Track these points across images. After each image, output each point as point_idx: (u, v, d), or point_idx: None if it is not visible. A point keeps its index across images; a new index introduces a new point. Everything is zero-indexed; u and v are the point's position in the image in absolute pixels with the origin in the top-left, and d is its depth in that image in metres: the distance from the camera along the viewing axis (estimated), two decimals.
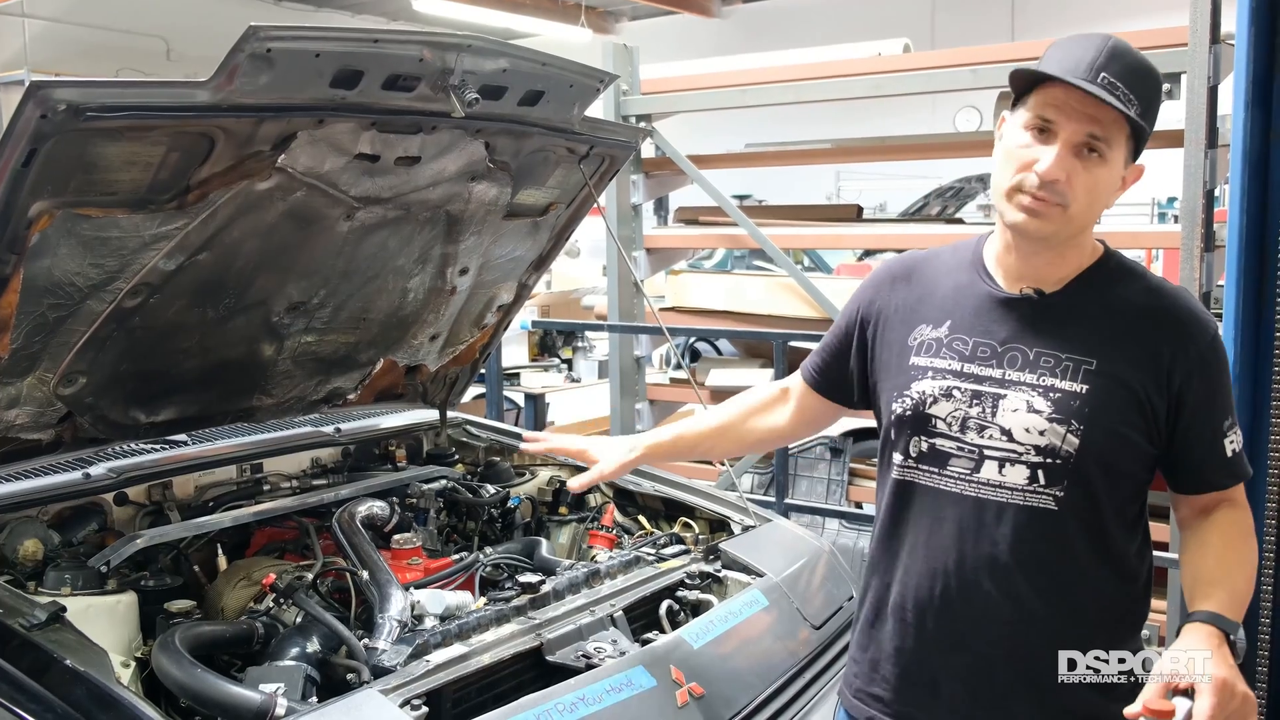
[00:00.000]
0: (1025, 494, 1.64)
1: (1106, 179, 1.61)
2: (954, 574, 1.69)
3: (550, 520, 3.08)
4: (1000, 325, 1.70)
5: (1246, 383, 2.71)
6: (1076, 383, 1.63)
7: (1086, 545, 1.66)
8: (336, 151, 2.19)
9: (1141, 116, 1.58)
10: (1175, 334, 1.64)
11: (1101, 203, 1.64)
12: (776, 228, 4.87)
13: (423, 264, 2.73)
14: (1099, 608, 1.69)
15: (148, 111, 1.84)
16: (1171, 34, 3.58)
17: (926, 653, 1.73)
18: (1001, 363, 1.68)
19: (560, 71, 2.40)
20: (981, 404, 1.67)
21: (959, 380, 1.69)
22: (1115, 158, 1.61)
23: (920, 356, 1.74)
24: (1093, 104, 1.57)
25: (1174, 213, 11.20)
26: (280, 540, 2.68)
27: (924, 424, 1.71)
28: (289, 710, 1.77)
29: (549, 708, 1.85)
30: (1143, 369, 1.63)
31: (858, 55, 5.06)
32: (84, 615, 2.02)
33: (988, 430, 1.66)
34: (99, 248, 2.02)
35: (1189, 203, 3.30)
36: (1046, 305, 1.69)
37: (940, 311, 1.76)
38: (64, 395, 2.28)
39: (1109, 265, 1.71)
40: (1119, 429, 1.63)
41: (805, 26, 12.61)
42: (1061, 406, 1.62)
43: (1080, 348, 1.65)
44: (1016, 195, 1.62)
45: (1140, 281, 1.71)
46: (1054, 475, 1.63)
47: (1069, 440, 1.62)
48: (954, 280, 1.78)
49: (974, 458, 1.67)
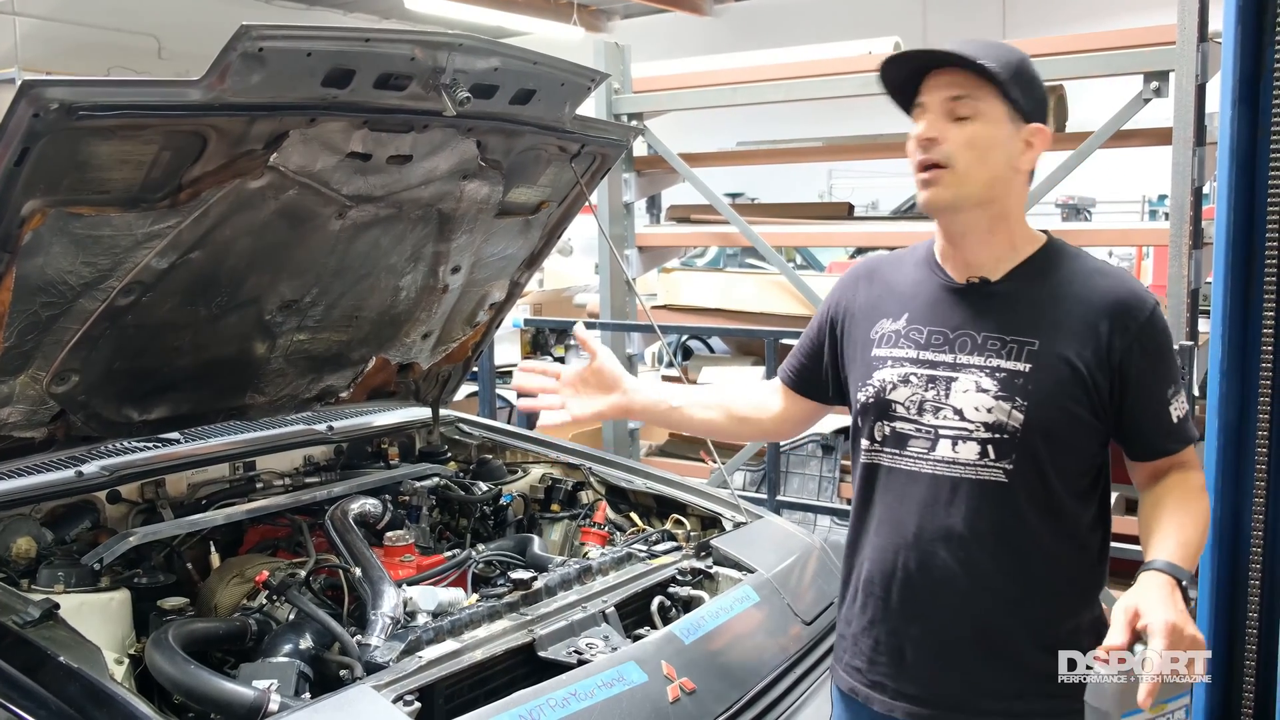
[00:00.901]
0: (977, 468, 1.74)
1: (984, 134, 1.70)
2: (914, 547, 1.79)
3: (542, 517, 3.08)
4: (952, 313, 1.81)
5: (1233, 379, 2.72)
6: (1020, 362, 1.72)
7: (1037, 515, 1.74)
8: (328, 150, 2.19)
9: (1005, 75, 1.67)
10: (1114, 312, 1.72)
11: (995, 160, 1.72)
12: (768, 225, 4.88)
13: (415, 262, 2.73)
14: (1053, 575, 1.77)
15: (140, 110, 1.85)
16: (1160, 32, 3.59)
17: (893, 624, 1.83)
18: (953, 348, 1.78)
19: (551, 70, 2.41)
20: (936, 387, 1.78)
21: (916, 367, 1.80)
22: (990, 114, 1.70)
23: (881, 348, 1.86)
24: (950, 75, 1.70)
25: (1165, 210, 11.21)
26: (273, 538, 2.69)
27: (886, 409, 1.82)
28: (282, 706, 1.77)
29: (541, 703, 1.85)
30: (1085, 347, 1.71)
31: (849, 54, 5.06)
32: (77, 612, 2.02)
33: (942, 411, 1.76)
34: (91, 246, 2.03)
35: (1177, 200, 3.32)
36: (992, 292, 1.79)
37: (899, 305, 1.87)
38: (57, 393, 2.28)
39: (1050, 252, 1.81)
40: (1062, 403, 1.71)
41: (797, 25, 12.60)
42: (1006, 384, 1.72)
43: (1024, 329, 1.74)
44: (917, 179, 1.75)
45: (1080, 265, 1.80)
46: (1002, 449, 1.72)
47: (1014, 415, 1.71)
48: (911, 276, 1.89)
49: (930, 437, 1.77)
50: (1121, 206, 12.53)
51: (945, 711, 1.79)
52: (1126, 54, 3.69)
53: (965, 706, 1.78)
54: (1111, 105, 3.76)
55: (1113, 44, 3.77)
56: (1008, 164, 1.73)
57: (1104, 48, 3.78)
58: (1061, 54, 3.89)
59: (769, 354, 4.30)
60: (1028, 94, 1.71)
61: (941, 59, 1.71)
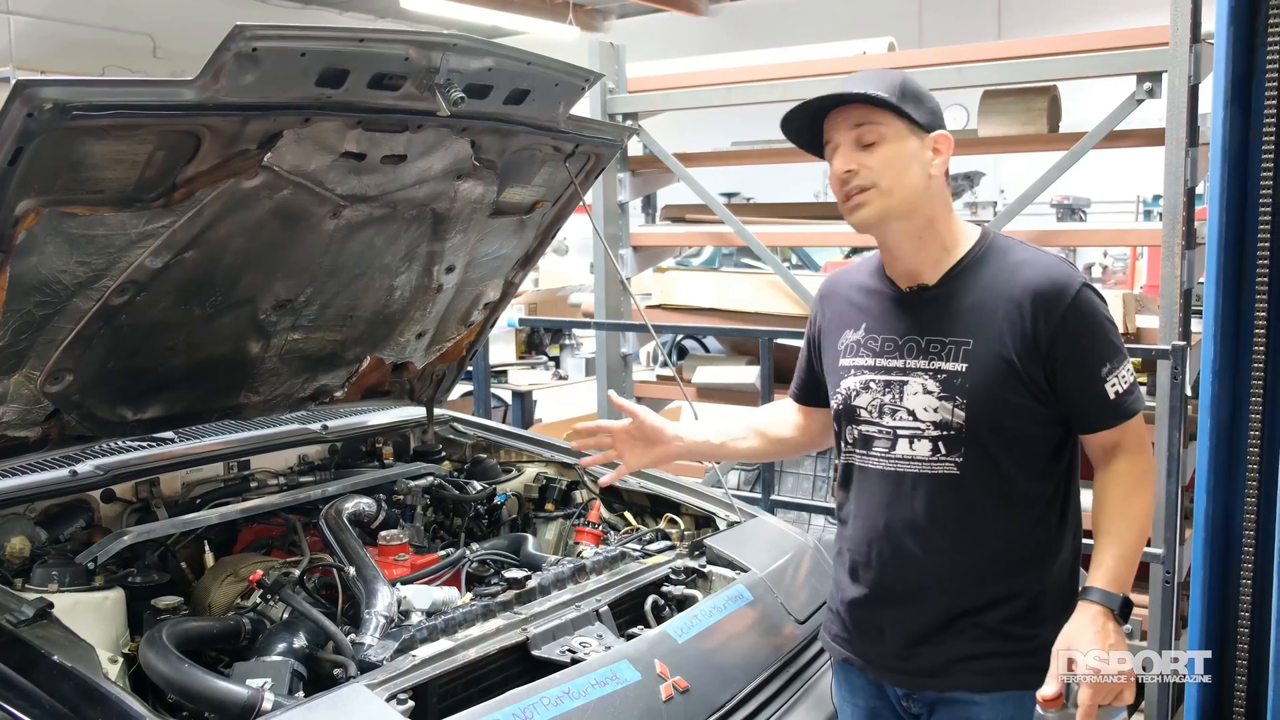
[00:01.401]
0: (931, 464, 1.88)
1: (897, 152, 1.84)
2: (884, 538, 1.95)
3: (536, 516, 3.09)
4: (899, 321, 1.95)
5: (1226, 379, 2.73)
6: (958, 362, 1.86)
7: (992, 500, 1.88)
8: (322, 150, 2.19)
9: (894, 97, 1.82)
10: (1036, 301, 1.82)
11: (912, 173, 1.85)
12: (763, 225, 4.88)
13: (409, 262, 2.73)
14: (1011, 549, 1.90)
15: (134, 110, 1.85)
16: (1153, 33, 3.60)
17: (871, 606, 1.99)
18: (902, 354, 1.92)
19: (545, 70, 2.41)
20: (891, 391, 1.92)
21: (873, 374, 1.95)
22: (894, 134, 1.84)
23: (846, 357, 2.01)
24: (847, 111, 1.86)
25: (1159, 210, 11.24)
26: (267, 537, 2.69)
27: (853, 414, 1.98)
28: (276, 705, 1.78)
29: (534, 702, 1.86)
30: (1014, 339, 1.82)
31: (843, 54, 5.06)
32: (71, 611, 2.02)
33: (898, 413, 1.91)
34: (86, 246, 2.03)
35: (1170, 201, 3.33)
36: (931, 297, 1.92)
37: (858, 317, 2.02)
38: (51, 393, 2.28)
39: (982, 249, 1.92)
40: (1000, 395, 1.83)
41: (793, 24, 12.61)
42: (947, 385, 1.86)
43: (960, 330, 1.87)
44: (843, 206, 1.89)
45: (1007, 258, 1.90)
46: (952, 445, 1.86)
47: (956, 414, 1.85)
48: (866, 288, 2.04)
49: (890, 438, 1.92)
50: (1117, 207, 12.54)
51: (923, 678, 1.94)
52: (1120, 55, 3.70)
53: (940, 673, 1.92)
54: (1105, 106, 3.77)
55: (1106, 45, 3.78)
56: (923, 173, 1.86)
57: (1098, 48, 3.79)
58: (1056, 54, 3.90)
59: (764, 354, 4.30)
60: (919, 108, 1.85)
61: (834, 101, 1.86)
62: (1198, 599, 2.78)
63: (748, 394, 4.70)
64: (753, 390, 4.63)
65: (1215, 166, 2.68)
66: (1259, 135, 2.66)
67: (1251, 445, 2.69)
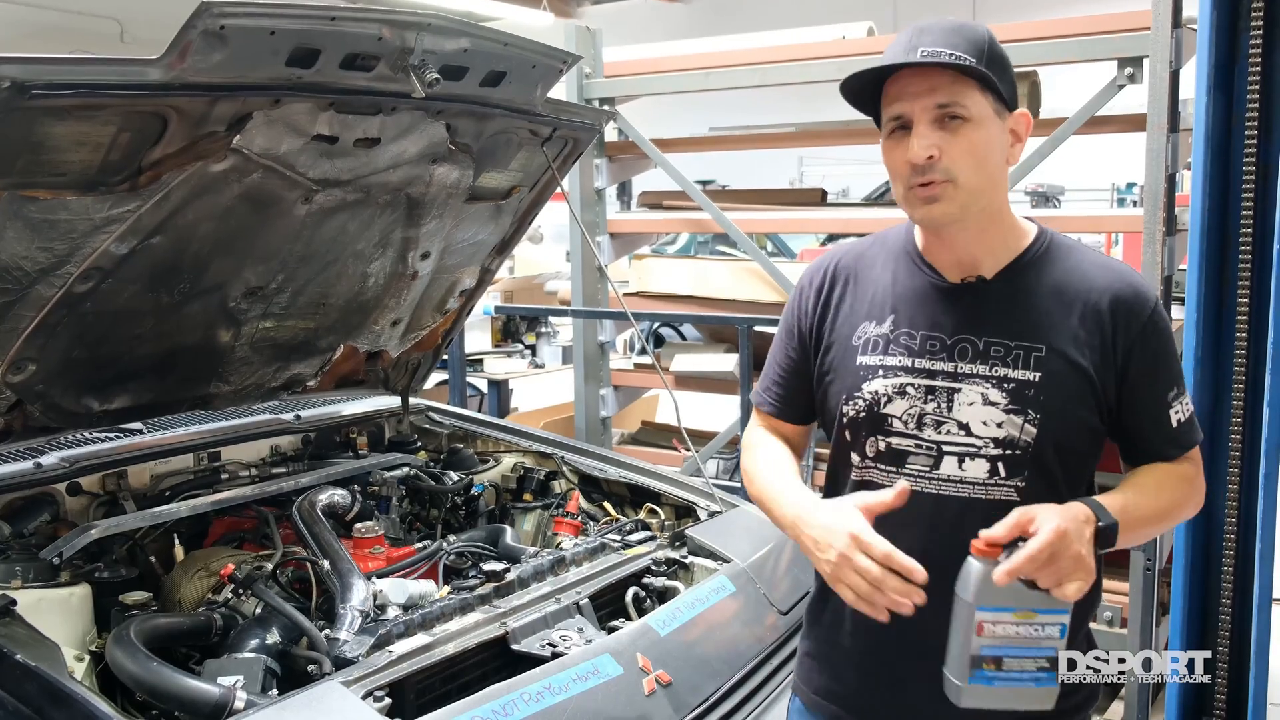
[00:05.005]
0: (987, 488, 1.61)
1: (983, 139, 1.56)
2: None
3: (515, 507, 3.07)
4: (947, 316, 1.66)
5: (1208, 366, 2.73)
6: (1029, 370, 1.60)
7: None
8: (293, 132, 2.14)
9: (980, 64, 1.53)
10: (1117, 309, 1.61)
11: (993, 163, 1.59)
12: (740, 212, 4.86)
13: (383, 248, 2.69)
14: None
15: (97, 90, 1.79)
16: (1134, 18, 3.58)
17: (891, 655, 1.69)
18: (952, 355, 1.64)
19: (522, 52, 2.37)
20: (936, 399, 1.63)
21: (911, 376, 1.65)
22: (981, 115, 1.55)
23: (868, 355, 1.69)
24: (925, 77, 1.55)
25: (1133, 198, 11.37)
26: (239, 530, 2.66)
27: (880, 424, 1.67)
28: (248, 703, 1.74)
29: (514, 697, 1.83)
30: (1090, 347, 1.61)
31: (821, 39, 5.03)
32: (36, 608, 1.98)
33: (944, 425, 1.62)
34: (48, 230, 1.97)
35: (1151, 187, 3.32)
36: (989, 292, 1.65)
37: (880, 307, 1.71)
38: (13, 383, 2.23)
39: (1046, 245, 1.68)
40: (1075, 411, 1.60)
41: (770, 10, 12.58)
42: (1017, 396, 1.59)
43: (1028, 333, 1.61)
44: (910, 195, 1.59)
45: (1079, 258, 1.67)
46: (1015, 466, 1.60)
47: (1027, 430, 1.59)
48: (889, 273, 1.73)
49: (932, 454, 1.63)
50: (1090, 195, 12.63)
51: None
52: (1100, 40, 3.68)
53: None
54: (1085, 91, 3.75)
55: (1086, 29, 3.76)
56: (1002, 162, 1.61)
57: (1077, 33, 3.78)
58: (1034, 39, 3.88)
59: (741, 341, 4.29)
60: (1004, 78, 1.57)
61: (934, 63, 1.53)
62: (1179, 587, 2.78)
63: (726, 382, 4.68)
64: (731, 378, 4.62)
65: (1198, 152, 2.68)
66: (1242, 121, 2.66)
67: (1234, 431, 2.70)
